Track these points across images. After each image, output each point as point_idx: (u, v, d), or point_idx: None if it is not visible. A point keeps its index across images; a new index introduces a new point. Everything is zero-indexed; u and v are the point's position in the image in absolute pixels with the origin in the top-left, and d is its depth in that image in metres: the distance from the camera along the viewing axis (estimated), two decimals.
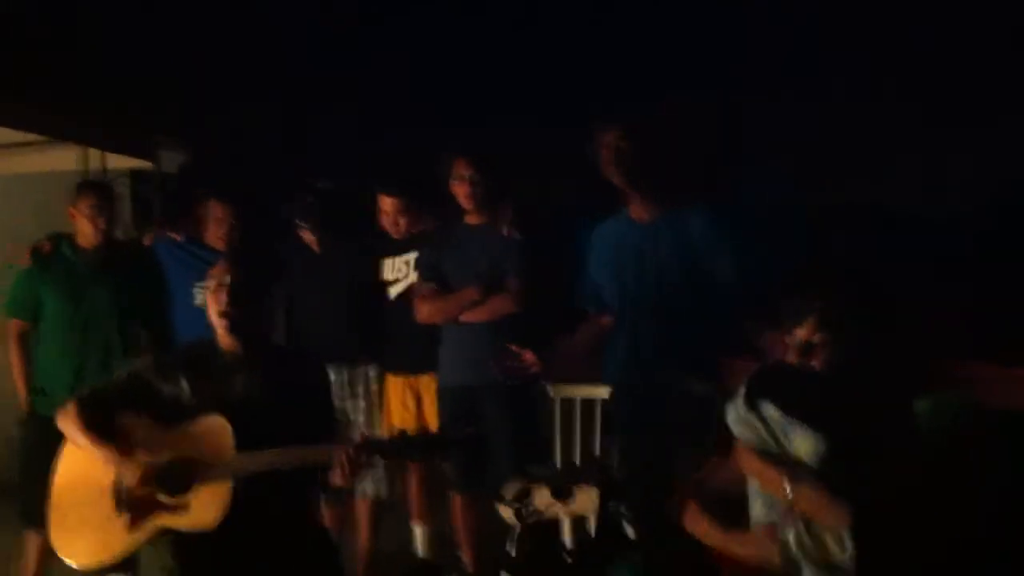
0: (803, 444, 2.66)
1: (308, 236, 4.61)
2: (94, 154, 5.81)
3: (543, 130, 5.10)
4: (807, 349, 2.78)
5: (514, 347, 3.66)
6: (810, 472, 2.63)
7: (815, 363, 2.77)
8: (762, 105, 5.12)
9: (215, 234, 4.53)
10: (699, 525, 2.81)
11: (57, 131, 5.42)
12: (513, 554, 3.27)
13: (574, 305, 3.89)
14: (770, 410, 2.71)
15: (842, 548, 2.59)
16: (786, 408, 2.70)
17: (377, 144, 5.41)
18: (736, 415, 2.78)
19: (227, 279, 3.18)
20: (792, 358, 2.80)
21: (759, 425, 2.73)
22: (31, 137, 5.56)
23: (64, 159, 5.76)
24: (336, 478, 3.01)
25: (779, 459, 2.68)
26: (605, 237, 3.78)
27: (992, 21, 4.70)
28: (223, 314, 3.17)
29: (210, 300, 3.21)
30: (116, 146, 5.74)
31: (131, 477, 3.04)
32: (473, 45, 5.56)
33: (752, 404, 2.74)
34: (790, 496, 2.61)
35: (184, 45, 5.33)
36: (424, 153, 4.37)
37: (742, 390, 2.78)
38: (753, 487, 2.80)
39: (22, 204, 5.90)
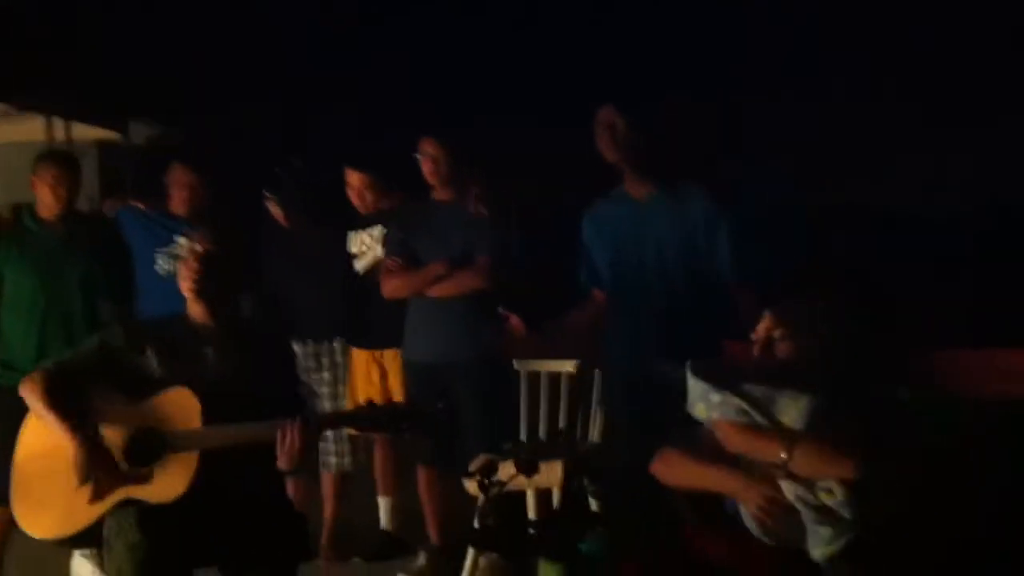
0: (792, 407, 2.69)
1: (275, 210, 4.60)
2: (61, 125, 5.76)
3: (539, 129, 5.13)
4: (768, 344, 2.82)
5: (502, 310, 3.67)
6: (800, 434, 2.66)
7: (779, 354, 2.80)
8: (753, 102, 5.15)
9: (179, 198, 4.48)
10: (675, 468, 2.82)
11: (23, 102, 5.38)
12: (477, 527, 3.28)
13: (553, 282, 3.90)
14: (748, 385, 2.75)
15: (830, 494, 2.62)
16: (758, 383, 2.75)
17: (373, 139, 5.40)
18: (710, 401, 2.79)
19: (198, 250, 3.17)
20: (755, 352, 2.83)
21: (739, 401, 2.74)
22: None
23: (31, 130, 5.71)
24: (280, 460, 3.01)
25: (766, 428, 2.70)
26: (601, 215, 3.79)
27: (990, 21, 4.72)
28: (193, 285, 3.17)
29: (181, 270, 3.20)
30: (83, 116, 5.70)
31: (94, 448, 3.03)
32: (471, 44, 5.56)
33: (725, 385, 2.78)
34: (785, 458, 2.62)
35: (154, 18, 5.30)
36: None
37: (695, 381, 2.81)
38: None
39: None
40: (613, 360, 3.80)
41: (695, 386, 2.85)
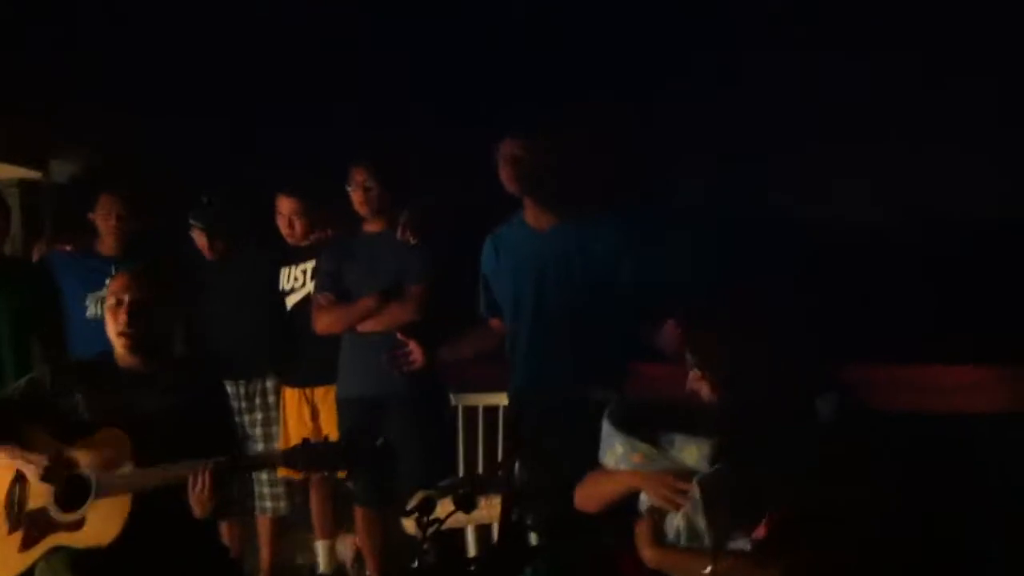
0: (690, 451, 2.76)
1: (200, 240, 4.53)
2: None
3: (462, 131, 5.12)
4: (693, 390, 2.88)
5: (400, 335, 3.65)
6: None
7: (704, 392, 2.86)
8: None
9: (106, 230, 4.41)
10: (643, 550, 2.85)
11: None
12: (416, 566, 3.25)
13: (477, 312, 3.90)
14: (648, 430, 2.83)
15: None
16: (663, 425, 2.82)
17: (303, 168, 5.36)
18: (616, 451, 2.88)
19: (126, 296, 3.13)
20: (692, 387, 2.88)
21: (643, 446, 2.83)
22: None
23: None
24: (193, 506, 2.95)
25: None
26: (502, 244, 3.78)
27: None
28: (122, 334, 3.13)
29: (108, 317, 3.16)
30: (2, 156, 5.59)
31: (22, 496, 2.97)
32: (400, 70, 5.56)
33: (628, 430, 2.86)
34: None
35: (71, 50, 5.22)
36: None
37: (608, 429, 2.89)
38: (644, 499, 2.86)
39: None
40: (515, 389, 3.79)
41: (606, 436, 2.93)
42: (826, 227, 4.86)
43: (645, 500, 2.88)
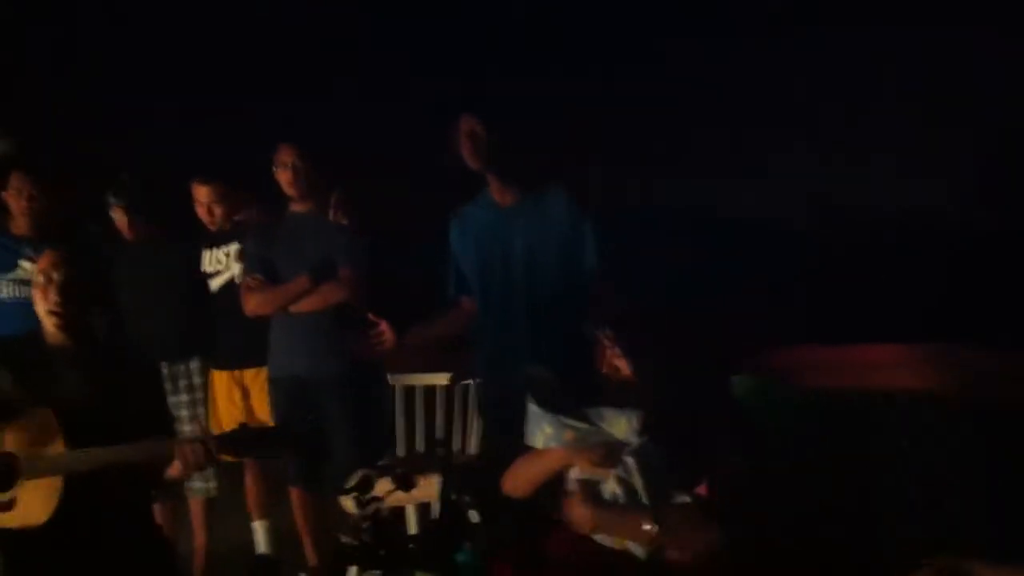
0: (620, 424, 2.80)
1: (120, 218, 4.45)
2: None
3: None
4: (612, 366, 2.90)
5: (371, 316, 3.62)
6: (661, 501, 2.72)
7: (622, 375, 2.88)
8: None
9: (18, 211, 4.31)
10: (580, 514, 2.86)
11: None
12: (355, 544, 3.24)
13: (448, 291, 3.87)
14: (574, 407, 2.88)
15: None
16: (589, 401, 2.88)
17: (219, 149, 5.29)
18: (544, 431, 2.90)
19: (55, 275, 3.07)
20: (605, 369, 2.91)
21: (572, 423, 2.87)
22: None
23: None
24: (174, 470, 2.96)
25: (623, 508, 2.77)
26: (467, 221, 3.77)
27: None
28: (52, 312, 3.07)
29: (38, 296, 3.10)
30: None
31: None
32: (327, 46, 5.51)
33: (555, 409, 2.89)
34: (654, 533, 2.67)
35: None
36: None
37: (533, 410, 2.93)
38: (574, 472, 2.88)
39: None
40: (484, 367, 3.78)
41: (532, 416, 2.95)
42: (753, 214, 4.94)
43: (575, 477, 2.88)
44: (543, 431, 2.92)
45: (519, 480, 2.99)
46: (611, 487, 2.78)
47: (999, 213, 4.25)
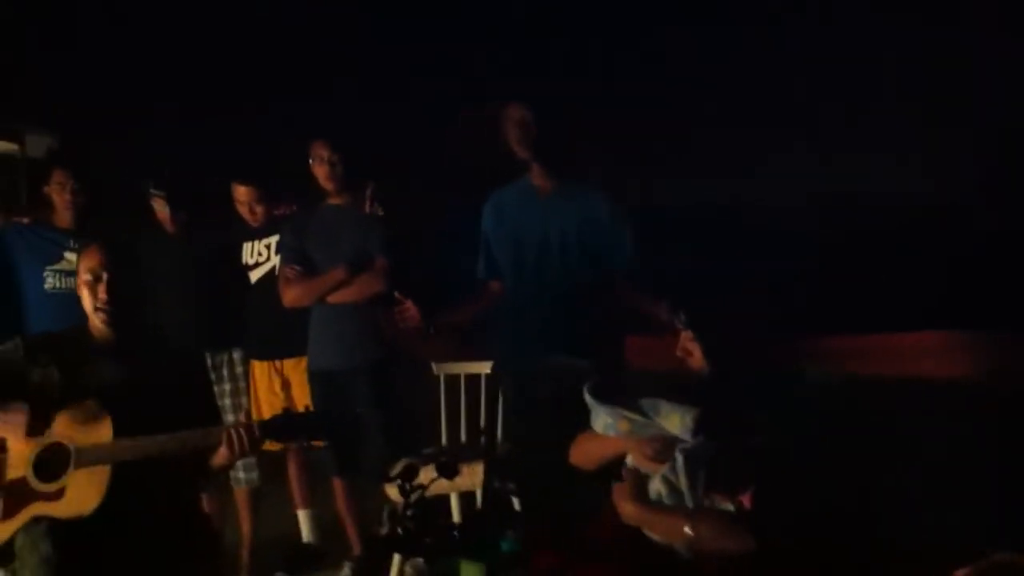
0: (673, 420, 2.79)
1: (160, 209, 4.50)
2: None
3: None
4: (687, 352, 2.92)
5: (397, 294, 3.63)
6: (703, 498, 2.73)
7: (693, 364, 2.91)
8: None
9: (61, 204, 4.37)
10: (624, 508, 2.86)
11: None
12: (399, 532, 3.25)
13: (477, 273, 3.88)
14: (637, 399, 2.87)
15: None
16: (645, 394, 2.88)
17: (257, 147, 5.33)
18: (601, 420, 2.93)
19: (103, 273, 3.11)
20: (678, 355, 2.93)
21: (627, 414, 2.88)
22: None
23: None
24: (220, 457, 2.99)
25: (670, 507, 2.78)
26: (503, 206, 3.77)
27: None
28: (100, 309, 3.11)
29: (86, 293, 3.14)
30: None
31: (2, 464, 2.95)
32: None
33: (611, 401, 2.91)
34: (691, 535, 2.68)
35: (48, 28, 5.20)
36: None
37: (591, 401, 2.95)
38: (630, 460, 2.88)
39: None
40: (511, 351, 3.78)
41: (591, 406, 2.98)
42: (796, 212, 4.92)
43: (629, 464, 2.90)
44: (600, 419, 2.95)
45: (584, 454, 3.03)
46: (656, 486, 2.79)
47: None
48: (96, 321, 3.14)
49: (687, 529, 2.67)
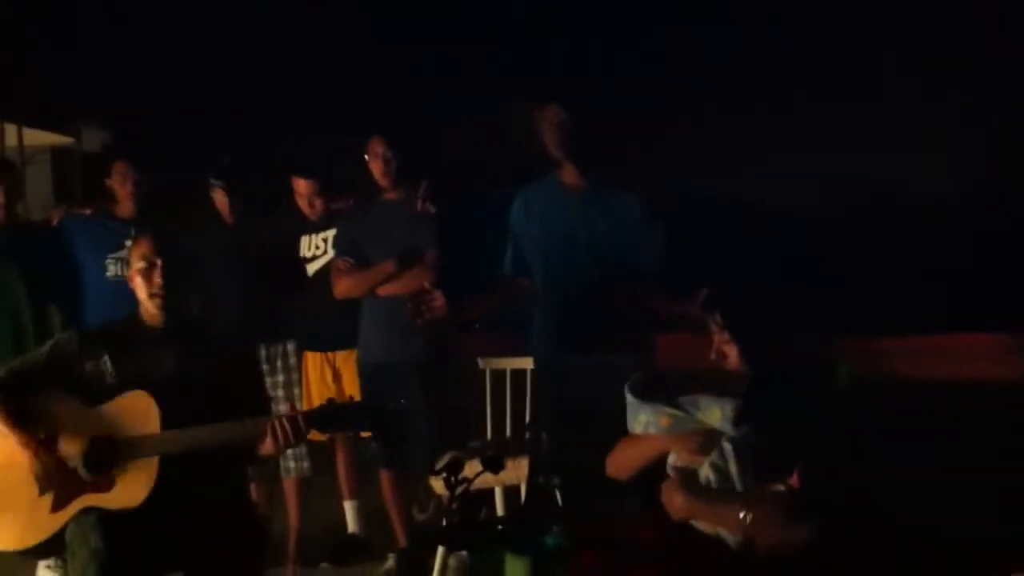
0: (714, 412, 2.80)
1: (220, 199, 4.53)
2: (12, 130, 5.70)
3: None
4: (723, 354, 2.92)
5: (426, 284, 3.66)
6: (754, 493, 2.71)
7: (729, 365, 2.90)
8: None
9: (123, 194, 4.42)
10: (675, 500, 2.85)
11: None
12: (444, 524, 3.27)
13: (495, 276, 3.89)
14: (669, 396, 2.88)
15: None
16: (684, 390, 2.88)
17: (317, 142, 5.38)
18: (639, 419, 2.92)
19: (157, 260, 3.14)
20: (713, 357, 2.93)
21: (668, 409, 2.87)
22: None
23: None
24: (266, 447, 3.01)
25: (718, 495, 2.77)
26: (534, 203, 3.78)
27: None
28: (155, 295, 3.14)
29: (140, 281, 3.16)
30: (35, 122, 5.65)
31: (51, 458, 2.99)
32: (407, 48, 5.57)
33: (651, 398, 2.90)
34: (746, 521, 2.66)
35: (107, 24, 5.27)
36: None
37: (631, 400, 2.94)
38: (672, 460, 2.87)
39: None
40: (544, 349, 3.79)
41: (631, 405, 2.96)
42: (844, 209, 4.88)
43: (673, 463, 2.88)
44: (638, 420, 2.94)
45: (621, 464, 3.02)
46: (705, 472, 2.78)
47: None
48: (150, 308, 3.17)
49: (741, 514, 2.65)
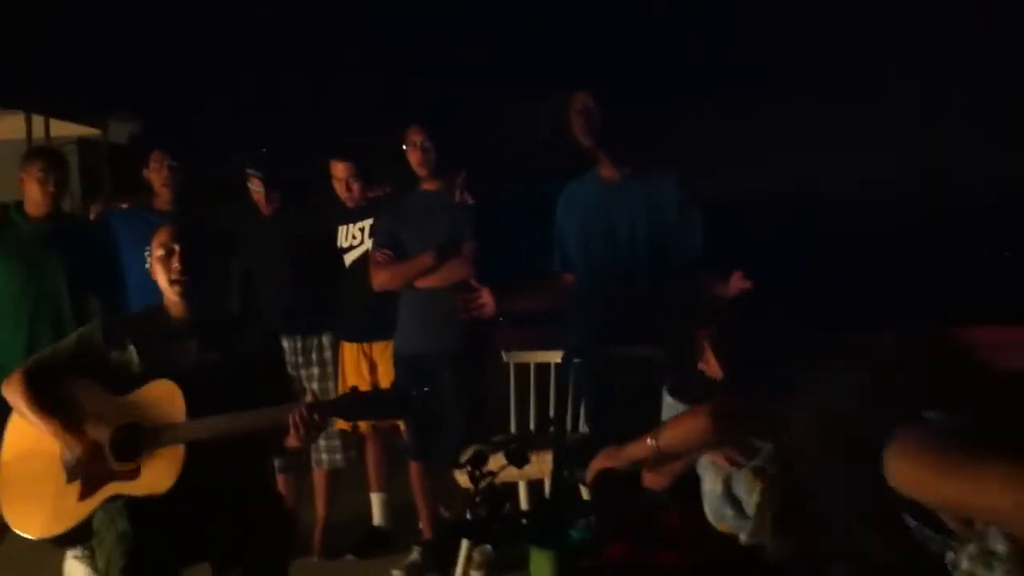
0: None
1: (256, 189, 4.55)
2: (39, 122, 5.74)
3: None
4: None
5: (473, 282, 3.64)
6: None
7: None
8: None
9: (159, 183, 4.45)
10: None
11: (2, 99, 5.36)
12: (469, 518, 3.26)
13: (531, 268, 3.89)
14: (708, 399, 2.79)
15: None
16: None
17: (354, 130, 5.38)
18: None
19: (176, 245, 3.14)
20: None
21: None
22: None
23: (10, 127, 5.69)
24: (291, 440, 3.01)
25: None
26: (573, 198, 3.77)
27: None
28: (175, 281, 3.15)
29: (159, 268, 3.17)
30: (62, 114, 5.68)
31: (79, 447, 3.01)
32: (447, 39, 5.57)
33: (689, 400, 2.86)
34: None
35: (133, 15, 5.29)
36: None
37: (669, 402, 2.93)
38: (703, 461, 2.84)
39: None
40: (581, 341, 3.77)
41: (668, 407, 2.95)
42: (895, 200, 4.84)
43: (704, 465, 2.84)
44: None
45: (657, 472, 2.95)
46: (715, 486, 2.74)
47: None
48: (172, 295, 3.17)
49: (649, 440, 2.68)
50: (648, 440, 2.71)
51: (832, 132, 5.07)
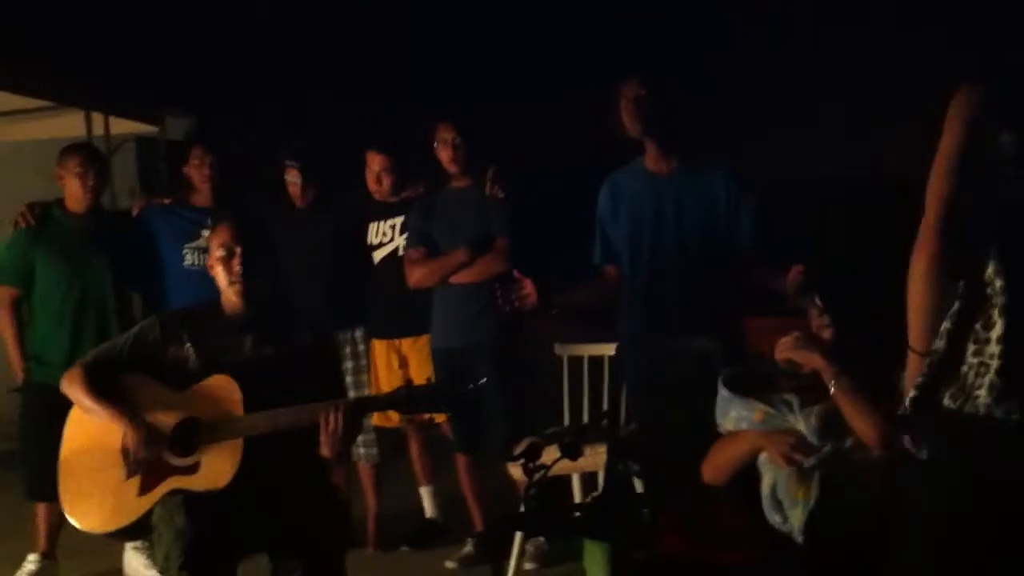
0: (808, 415, 2.72)
1: (293, 180, 4.56)
2: (99, 120, 5.81)
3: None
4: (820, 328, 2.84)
5: (516, 273, 3.64)
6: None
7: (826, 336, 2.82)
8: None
9: (200, 179, 4.48)
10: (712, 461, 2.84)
11: (62, 96, 5.44)
12: (523, 511, 3.27)
13: (567, 263, 3.87)
14: (764, 392, 2.82)
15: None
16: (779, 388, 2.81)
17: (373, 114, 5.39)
18: (729, 416, 2.86)
19: (236, 247, 3.18)
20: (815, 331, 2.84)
21: (761, 405, 2.81)
22: (38, 103, 5.57)
23: (70, 125, 5.76)
24: (323, 446, 3.02)
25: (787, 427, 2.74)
26: (619, 189, 3.73)
27: None
28: (235, 283, 3.17)
29: (220, 268, 3.20)
30: (121, 111, 5.75)
31: (140, 440, 3.05)
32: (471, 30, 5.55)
33: (745, 393, 2.84)
34: (832, 388, 2.64)
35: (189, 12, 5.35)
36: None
37: (724, 394, 2.88)
38: (762, 458, 2.81)
39: (29, 170, 5.87)
40: (631, 335, 3.75)
41: (722, 400, 2.90)
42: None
43: (763, 463, 2.82)
44: (729, 416, 2.88)
45: (717, 468, 2.94)
46: (771, 479, 2.73)
47: None
48: (231, 295, 3.20)
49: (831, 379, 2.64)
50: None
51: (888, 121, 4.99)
